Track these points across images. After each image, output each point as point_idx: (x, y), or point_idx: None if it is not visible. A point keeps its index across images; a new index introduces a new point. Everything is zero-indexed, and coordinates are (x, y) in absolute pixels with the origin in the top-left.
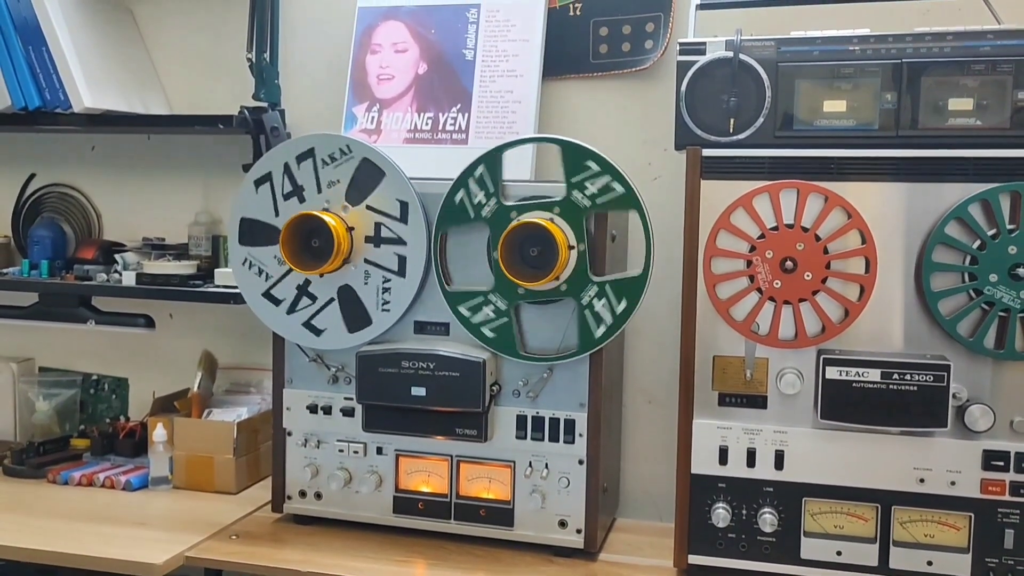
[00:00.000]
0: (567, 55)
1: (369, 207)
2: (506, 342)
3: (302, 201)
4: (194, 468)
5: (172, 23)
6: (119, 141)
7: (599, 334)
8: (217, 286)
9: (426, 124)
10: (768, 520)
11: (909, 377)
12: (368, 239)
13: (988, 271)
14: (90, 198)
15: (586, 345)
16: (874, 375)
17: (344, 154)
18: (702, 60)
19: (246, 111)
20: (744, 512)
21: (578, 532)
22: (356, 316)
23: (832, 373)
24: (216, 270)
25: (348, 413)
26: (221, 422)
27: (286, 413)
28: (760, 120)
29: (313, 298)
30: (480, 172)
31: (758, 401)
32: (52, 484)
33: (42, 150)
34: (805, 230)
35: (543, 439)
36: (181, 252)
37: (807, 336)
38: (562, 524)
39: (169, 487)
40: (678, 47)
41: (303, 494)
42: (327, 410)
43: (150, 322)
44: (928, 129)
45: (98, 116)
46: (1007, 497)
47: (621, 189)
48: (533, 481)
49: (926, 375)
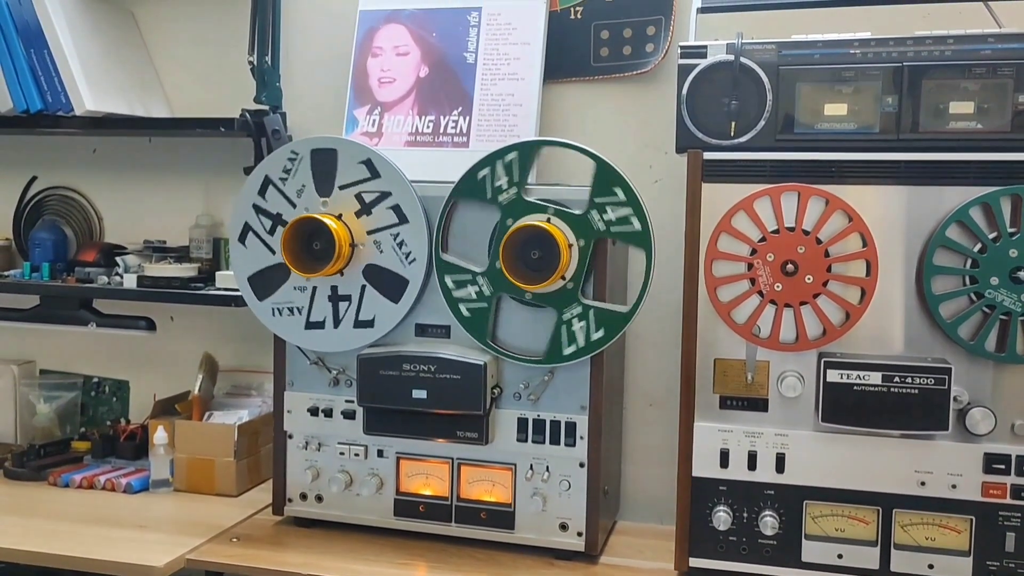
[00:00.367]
0: (568, 58)
1: (340, 187)
2: (478, 326)
3: (283, 225)
4: (195, 471)
5: (174, 26)
6: (120, 144)
7: (567, 352)
8: (218, 289)
9: (427, 127)
10: (769, 523)
11: (910, 380)
12: (358, 214)
13: (989, 274)
14: (91, 201)
15: (552, 357)
16: (875, 378)
17: (293, 159)
18: (703, 63)
19: (247, 114)
20: (745, 515)
21: (579, 535)
22: (392, 285)
23: (833, 376)
24: (217, 273)
25: (349, 416)
26: (222, 425)
27: (287, 416)
28: (761, 123)
29: (347, 298)
30: (511, 159)
31: (759, 404)
32: (53, 487)
33: (43, 153)
34: (806, 233)
35: (544, 442)
36: (182, 255)
37: (808, 339)
38: (563, 527)
39: (170, 490)
40: (679, 50)
41: (304, 497)
42: (328, 413)
43: (151, 325)
44: (929, 132)
45: (99, 119)
46: (1008, 500)
47: (638, 226)
48: (534, 484)
49: (927, 378)
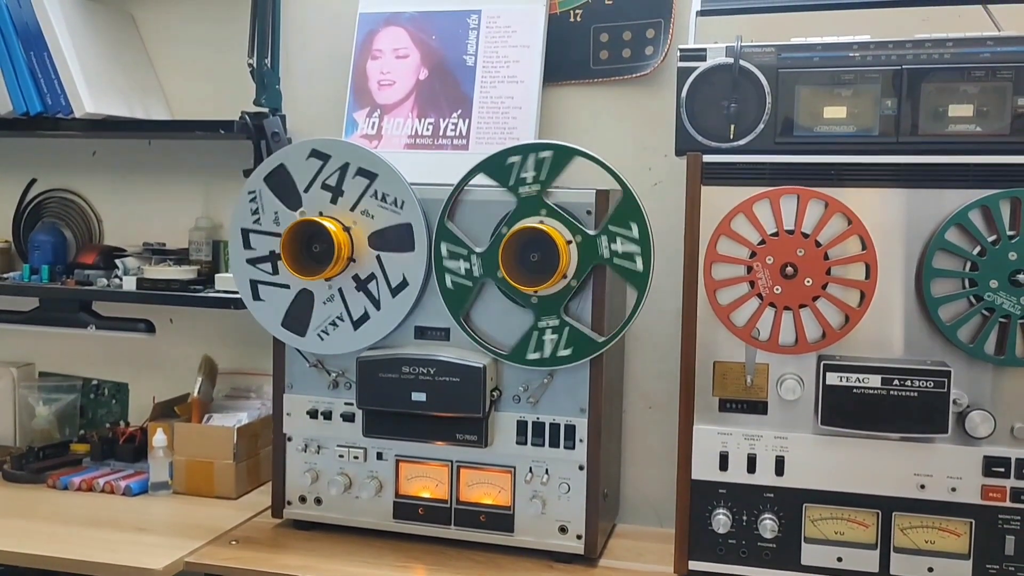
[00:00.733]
0: (568, 61)
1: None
2: (456, 302)
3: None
4: (194, 473)
5: (174, 28)
6: (120, 146)
7: (530, 357)
8: (218, 291)
9: (427, 130)
10: (769, 526)
11: (909, 383)
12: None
13: (988, 277)
14: (91, 203)
15: (515, 356)
16: (874, 381)
17: (254, 197)
18: (703, 66)
19: (247, 116)
20: (744, 518)
21: (578, 538)
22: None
23: (832, 379)
24: (216, 275)
25: (348, 418)
26: (221, 427)
27: (286, 418)
28: (760, 126)
29: (372, 278)
30: (545, 156)
31: (758, 407)
32: (52, 489)
33: (43, 155)
34: (805, 236)
35: (543, 444)
36: (182, 257)
37: (807, 342)
38: (562, 530)
39: (169, 492)
40: (679, 53)
41: (303, 499)
42: (327, 415)
43: (150, 327)
44: (928, 135)
45: (99, 121)
46: (1008, 503)
47: (640, 267)
48: (533, 487)
49: (926, 381)
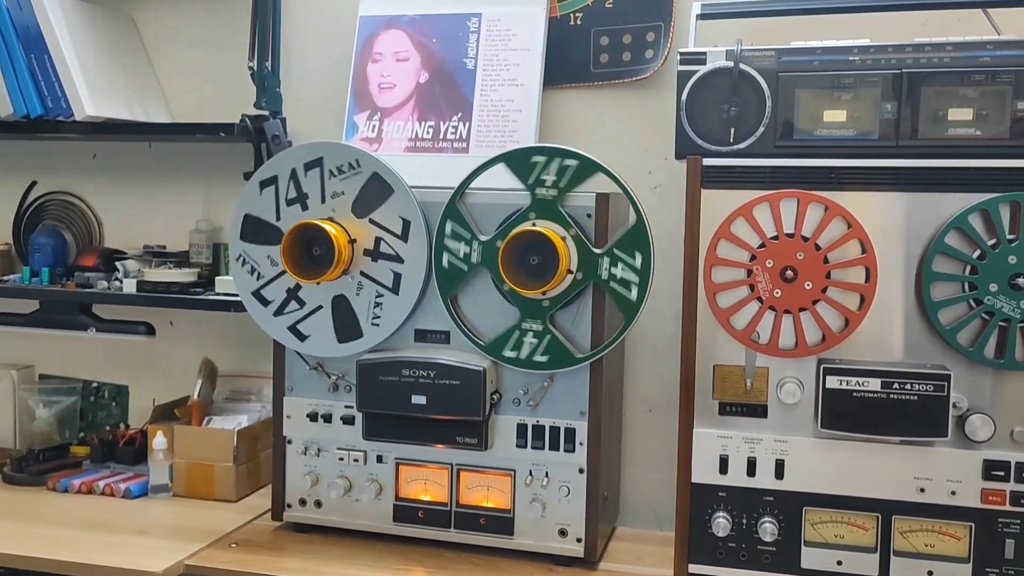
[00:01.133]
0: (568, 64)
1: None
2: (447, 282)
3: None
4: (194, 476)
5: (174, 31)
6: (120, 149)
7: (506, 354)
8: (218, 294)
9: (427, 133)
10: (768, 529)
11: (909, 387)
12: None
13: (988, 281)
14: (91, 206)
15: (492, 350)
16: (874, 384)
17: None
18: (703, 70)
19: (247, 119)
20: (744, 521)
21: (578, 541)
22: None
23: (832, 382)
24: (217, 278)
25: (348, 421)
26: (221, 430)
27: (286, 421)
28: (760, 130)
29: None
30: (569, 164)
31: (758, 410)
32: (52, 492)
33: (43, 158)
34: (805, 239)
35: (543, 448)
36: (182, 260)
37: (807, 345)
38: (562, 533)
39: (169, 495)
40: (679, 57)
41: (303, 502)
42: (327, 418)
43: (150, 330)
44: (928, 139)
45: (99, 124)
46: (1007, 507)
47: (634, 297)
48: (533, 490)
49: (926, 385)
